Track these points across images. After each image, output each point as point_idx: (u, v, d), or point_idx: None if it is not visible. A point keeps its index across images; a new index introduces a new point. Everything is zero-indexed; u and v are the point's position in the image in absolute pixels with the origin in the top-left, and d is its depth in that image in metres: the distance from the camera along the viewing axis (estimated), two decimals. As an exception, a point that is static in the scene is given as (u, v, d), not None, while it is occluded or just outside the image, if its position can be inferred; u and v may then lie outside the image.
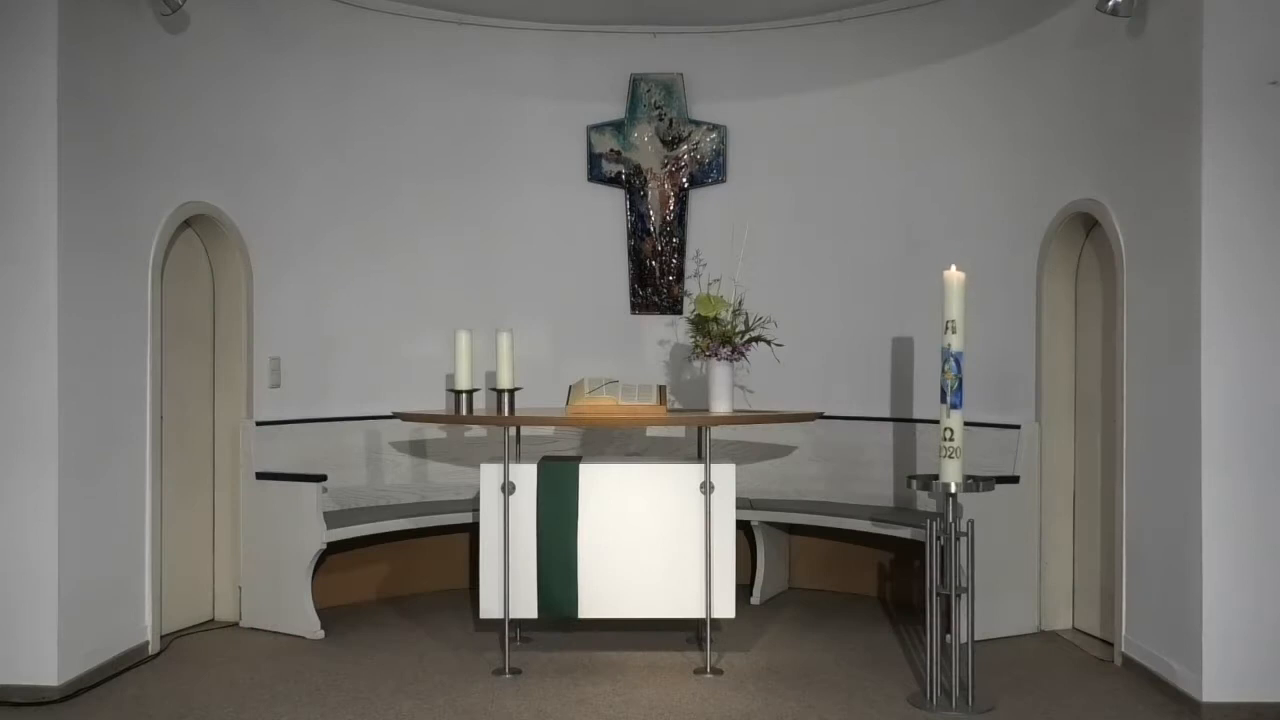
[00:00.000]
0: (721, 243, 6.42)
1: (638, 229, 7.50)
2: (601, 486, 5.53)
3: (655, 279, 7.50)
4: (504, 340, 5.71)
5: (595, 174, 7.50)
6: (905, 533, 6.29)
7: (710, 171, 7.45)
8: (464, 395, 5.72)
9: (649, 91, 7.44)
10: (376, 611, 6.69)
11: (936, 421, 5.12)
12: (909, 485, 5.45)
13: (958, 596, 5.00)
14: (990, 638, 5.81)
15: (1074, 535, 6.23)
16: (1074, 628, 6.20)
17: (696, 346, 5.76)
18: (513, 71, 7.37)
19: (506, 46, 7.34)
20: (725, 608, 5.51)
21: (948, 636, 5.04)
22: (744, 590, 6.54)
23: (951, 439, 4.93)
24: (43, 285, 5.00)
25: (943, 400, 4.97)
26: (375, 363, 7.06)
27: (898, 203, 7.04)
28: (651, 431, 7.25)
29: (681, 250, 7.42)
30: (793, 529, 7.21)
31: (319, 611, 6.15)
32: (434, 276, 7.21)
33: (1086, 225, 6.01)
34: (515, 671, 5.44)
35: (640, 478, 5.58)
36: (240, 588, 6.31)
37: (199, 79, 6.03)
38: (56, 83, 4.98)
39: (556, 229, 7.47)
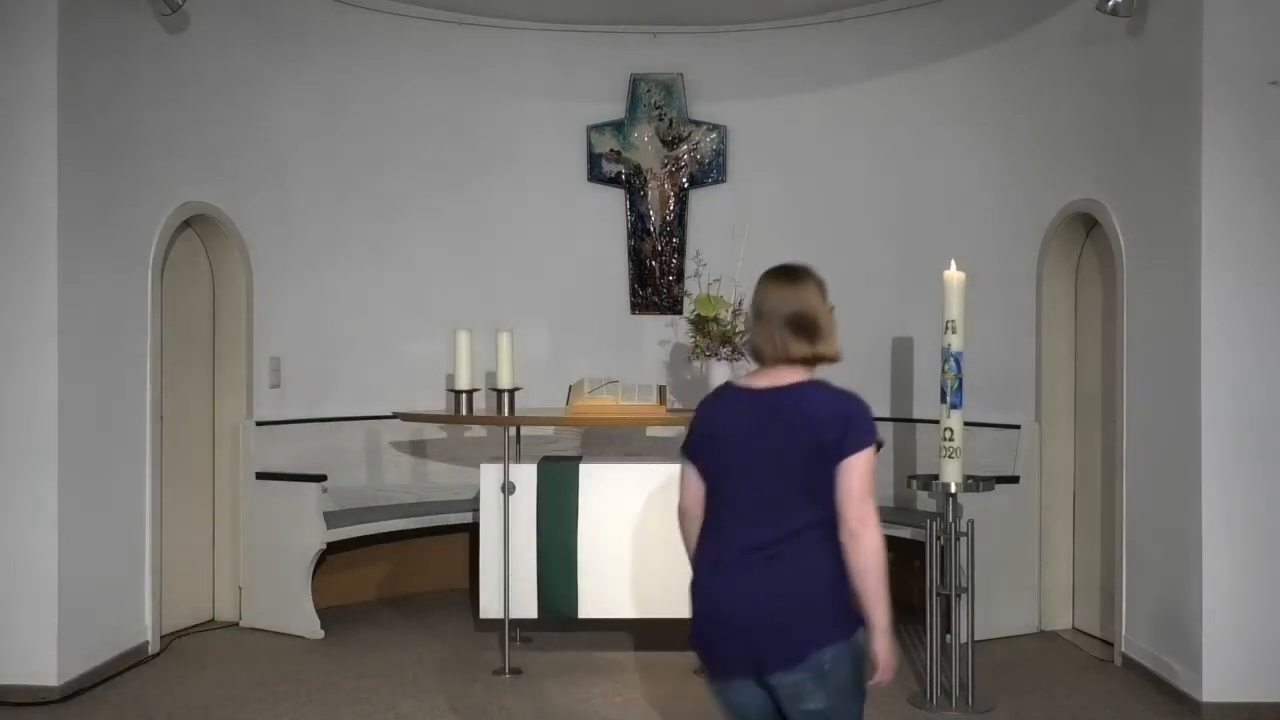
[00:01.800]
0: (721, 243, 6.42)
1: (638, 229, 7.50)
2: (601, 486, 5.53)
3: (655, 279, 7.50)
4: (504, 340, 5.70)
5: (595, 174, 7.50)
6: (905, 533, 6.28)
7: (710, 171, 7.45)
8: (464, 395, 5.72)
9: (649, 91, 7.44)
10: (376, 611, 6.69)
11: (936, 421, 5.12)
12: (909, 485, 5.46)
13: (958, 596, 5.00)
14: (990, 638, 5.80)
15: (1074, 535, 6.23)
16: (1074, 628, 6.20)
17: (696, 346, 5.76)
18: (513, 71, 7.37)
19: (506, 47, 7.34)
20: (725, 608, 5.50)
21: (948, 636, 5.05)
22: (744, 590, 6.53)
23: (951, 439, 4.93)
24: (43, 285, 5.00)
25: (943, 400, 4.97)
26: (375, 363, 7.05)
27: (898, 203, 7.04)
28: (651, 431, 7.24)
29: (681, 250, 7.42)
30: (793, 529, 7.19)
31: (319, 611, 6.15)
32: (434, 276, 7.22)
33: (1086, 225, 6.01)
34: (515, 671, 5.44)
35: (640, 478, 5.58)
36: (240, 588, 6.31)
37: (199, 79, 6.03)
38: (56, 83, 4.98)
39: (556, 229, 7.46)
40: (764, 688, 2.76)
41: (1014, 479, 6.03)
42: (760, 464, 2.78)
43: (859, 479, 2.70)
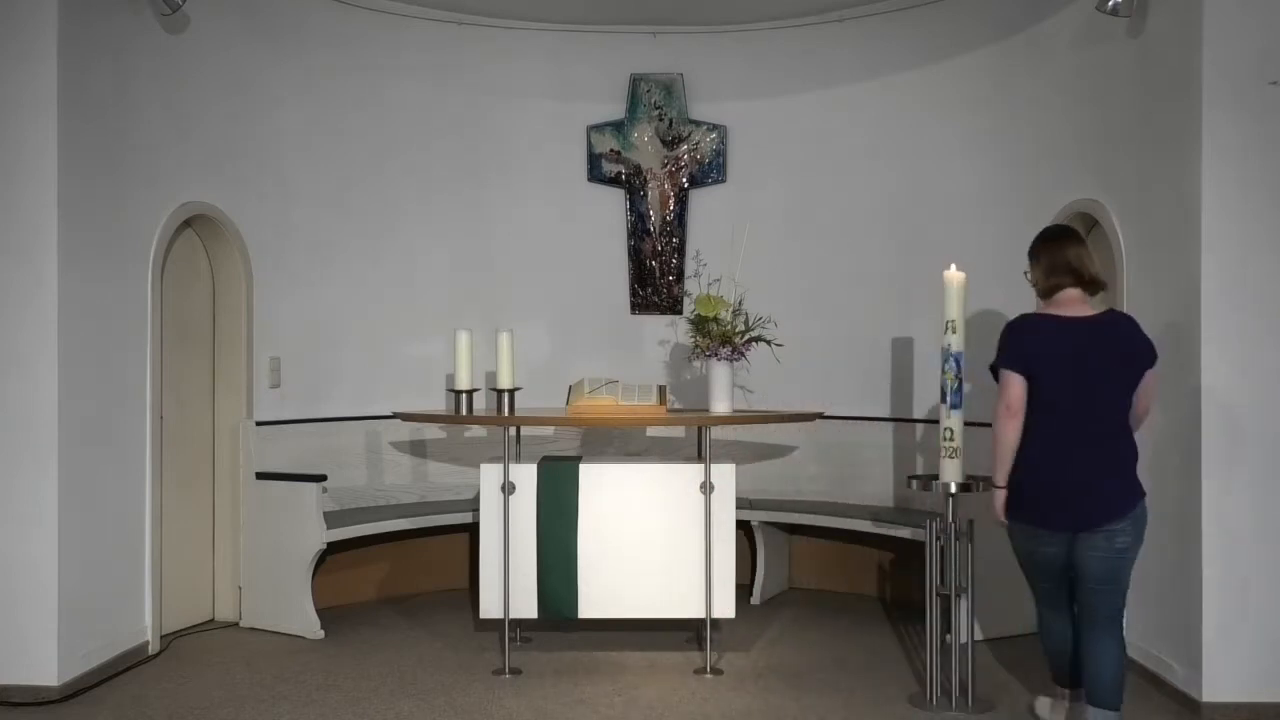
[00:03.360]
0: (721, 243, 6.42)
1: (638, 229, 7.51)
2: (601, 486, 5.53)
3: (655, 279, 7.50)
4: (504, 340, 5.71)
5: (595, 174, 7.50)
6: (905, 533, 6.29)
7: (710, 171, 7.45)
8: (464, 395, 5.72)
9: (649, 91, 7.44)
10: (376, 611, 6.69)
11: (936, 421, 5.12)
12: (909, 485, 5.45)
13: (958, 596, 5.00)
14: (990, 638, 5.80)
15: (1074, 535, 6.22)
16: (1074, 628, 6.19)
17: (696, 346, 5.75)
18: (512, 72, 7.37)
19: (506, 47, 7.34)
20: (725, 608, 5.51)
21: (948, 636, 5.04)
22: (744, 590, 6.54)
23: (952, 439, 4.93)
24: (43, 285, 5.00)
25: (943, 400, 4.97)
26: (375, 363, 7.06)
27: (898, 202, 7.04)
28: (651, 431, 7.25)
29: (681, 250, 7.42)
30: (793, 529, 7.21)
31: (319, 611, 6.15)
32: (434, 276, 7.22)
33: (1086, 225, 6.00)
34: (515, 671, 5.45)
35: (640, 478, 5.58)
36: (240, 588, 6.31)
37: (199, 79, 6.03)
38: (56, 84, 4.98)
39: (556, 229, 7.47)
40: (1069, 540, 4.20)
41: (1014, 479, 6.02)
42: (1089, 373, 4.11)
43: (1154, 381, 4.27)
